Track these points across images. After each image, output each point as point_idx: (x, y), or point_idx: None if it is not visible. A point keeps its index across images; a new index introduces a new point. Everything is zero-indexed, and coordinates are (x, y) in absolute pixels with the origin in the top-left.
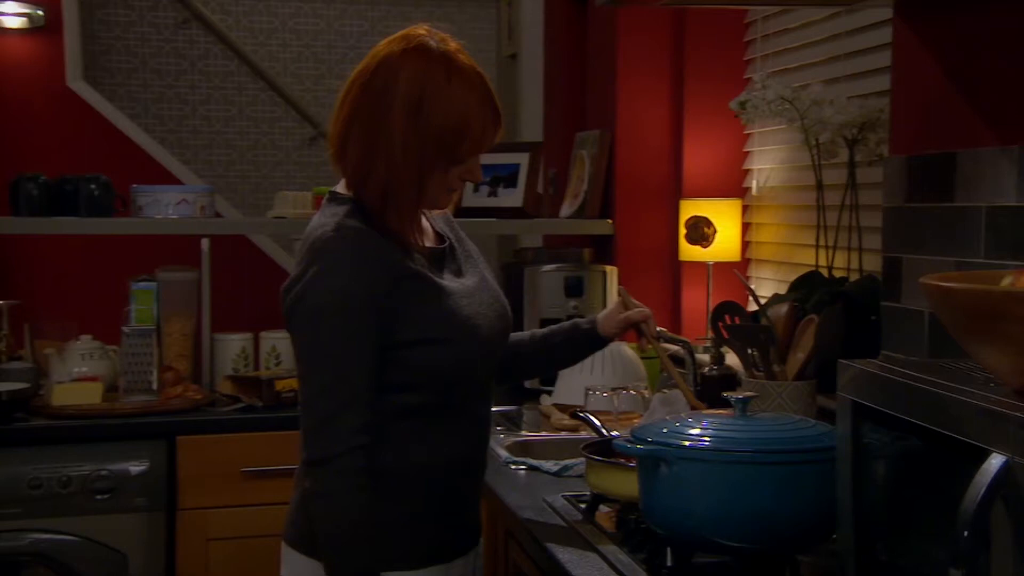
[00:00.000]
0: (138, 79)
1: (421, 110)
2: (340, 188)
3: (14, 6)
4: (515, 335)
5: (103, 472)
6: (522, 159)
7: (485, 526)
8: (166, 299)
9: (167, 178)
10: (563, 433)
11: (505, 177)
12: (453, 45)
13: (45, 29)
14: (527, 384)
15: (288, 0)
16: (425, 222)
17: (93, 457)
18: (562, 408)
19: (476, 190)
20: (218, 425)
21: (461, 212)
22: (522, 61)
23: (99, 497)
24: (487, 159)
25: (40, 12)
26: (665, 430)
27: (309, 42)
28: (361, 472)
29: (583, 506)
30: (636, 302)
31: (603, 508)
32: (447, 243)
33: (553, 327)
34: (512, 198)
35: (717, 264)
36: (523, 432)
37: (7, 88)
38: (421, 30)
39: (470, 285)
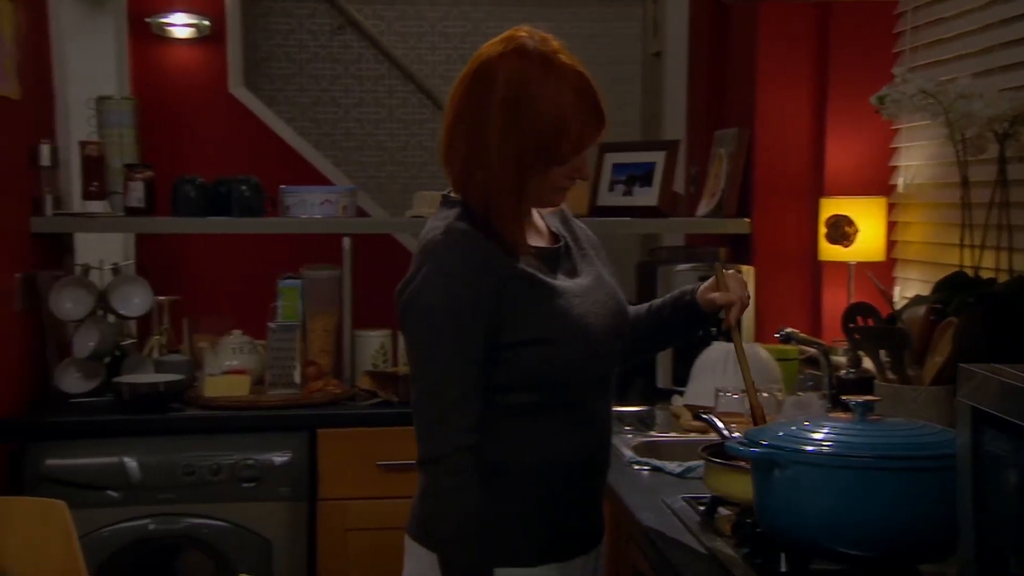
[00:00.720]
0: (296, 84)
1: (518, 111)
2: (456, 191)
3: (183, 17)
4: (633, 309)
5: (249, 461)
6: (658, 158)
7: (608, 526)
8: (310, 296)
9: (319, 179)
10: (692, 435)
11: (640, 176)
12: (554, 45)
13: (210, 38)
14: (660, 384)
15: (437, 4)
16: (540, 222)
17: (240, 447)
18: (693, 409)
19: (611, 189)
20: (357, 419)
21: (595, 211)
22: (666, 58)
23: (246, 485)
24: (622, 158)
25: (206, 22)
26: (780, 433)
27: (457, 44)
28: (470, 471)
29: (702, 508)
30: (731, 283)
31: (722, 511)
32: (561, 243)
33: (663, 299)
34: (647, 197)
35: (859, 264)
36: (651, 433)
37: (174, 94)
38: (522, 31)
39: (583, 284)
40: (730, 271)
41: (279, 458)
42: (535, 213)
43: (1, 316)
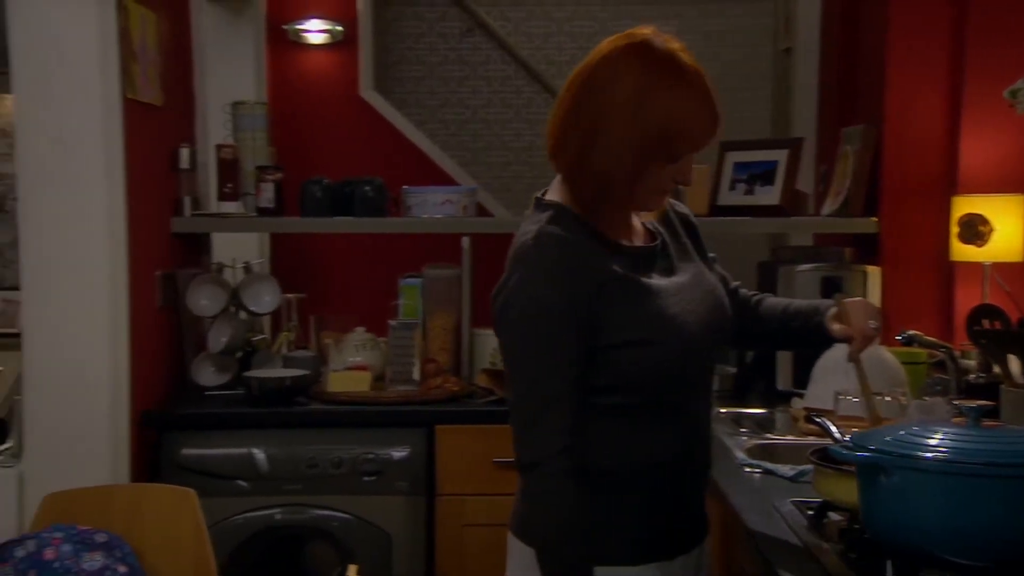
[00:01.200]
0: (426, 87)
1: (641, 106)
2: (550, 193)
3: (318, 23)
4: (772, 301)
5: (370, 455)
6: (780, 156)
7: (715, 527)
8: (430, 295)
9: (445, 180)
10: (810, 438)
11: (762, 175)
12: (676, 45)
13: (343, 43)
14: (780, 386)
15: (564, 4)
16: (636, 220)
17: (361, 441)
18: (812, 412)
19: (732, 188)
20: (473, 416)
21: (716, 210)
22: (797, 54)
23: (366, 479)
24: (744, 157)
25: (340, 28)
26: (888, 437)
27: (584, 44)
28: (566, 474)
29: (811, 513)
30: (855, 315)
31: (832, 516)
32: (658, 241)
33: (800, 306)
34: (769, 196)
35: (995, 264)
36: (768, 435)
37: (308, 98)
38: (646, 30)
39: (681, 282)
40: (857, 300)
41: (398, 453)
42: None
43: (143, 312)
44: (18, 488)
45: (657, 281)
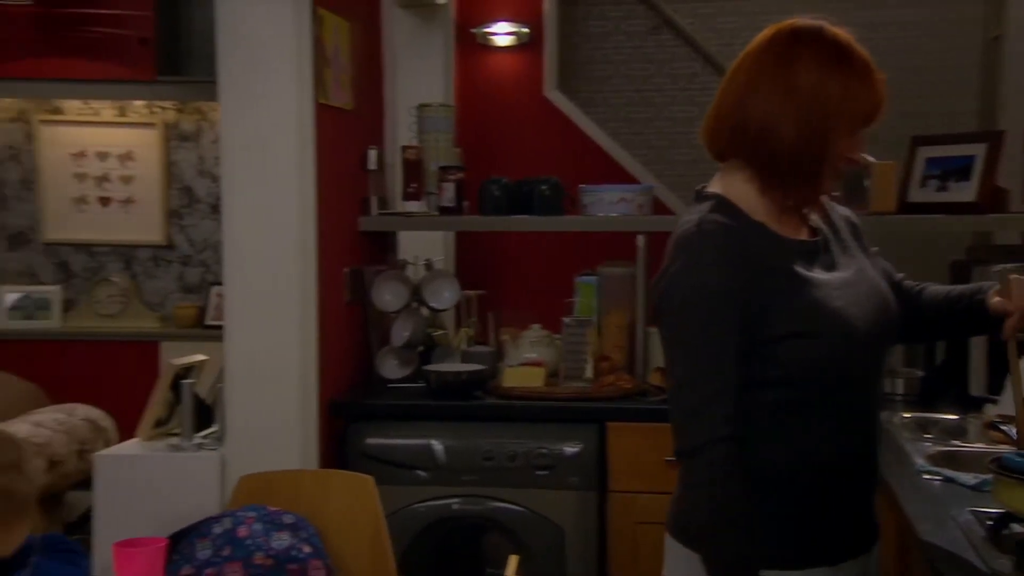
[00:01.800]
0: (611, 85)
1: (822, 85)
2: (711, 186)
3: (505, 26)
4: (935, 288)
5: (543, 450)
6: (978, 150)
7: (890, 535)
8: (606, 293)
9: (626, 178)
10: (1002, 446)
11: (956, 170)
12: (849, 36)
13: (528, 45)
14: (973, 392)
15: None
16: (798, 217)
17: (535, 436)
18: (1005, 420)
19: (923, 185)
20: (646, 414)
21: (905, 207)
22: (1007, 42)
23: (539, 473)
24: (937, 152)
25: (526, 30)
26: None
27: None
28: (727, 463)
29: (990, 524)
30: (1018, 291)
31: (1015, 527)
32: (820, 237)
33: (963, 289)
34: (964, 192)
35: None
36: (953, 442)
37: (494, 99)
38: (816, 20)
39: (844, 277)
40: (1020, 277)
41: (570, 449)
42: None
43: (332, 307)
44: (220, 470)
45: (819, 275)
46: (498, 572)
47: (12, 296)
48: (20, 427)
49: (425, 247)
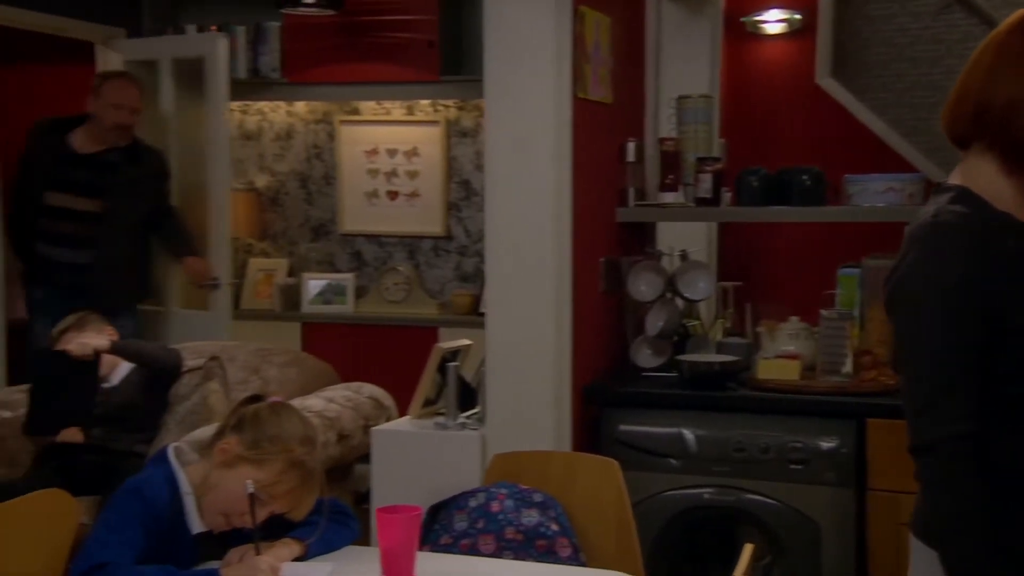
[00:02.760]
0: (893, 70)
1: None
2: (951, 178)
3: (777, 13)
4: None
5: (797, 444)
6: None
7: None
8: (869, 286)
9: (903, 167)
10: None
11: None
12: None
13: (800, 31)
14: None
15: None
16: None
17: (789, 429)
18: None
19: None
20: None
21: None
22: None
23: (793, 466)
24: None
25: (798, 16)
26: None
27: None
28: (965, 461)
29: None
30: None
31: None
32: None
33: None
34: None
35: None
36: None
37: (763, 88)
38: None
39: None
40: None
41: (826, 444)
42: None
43: (586, 295)
44: (481, 448)
45: None
46: (751, 565)
47: (317, 284)
48: (315, 402)
49: (687, 238)
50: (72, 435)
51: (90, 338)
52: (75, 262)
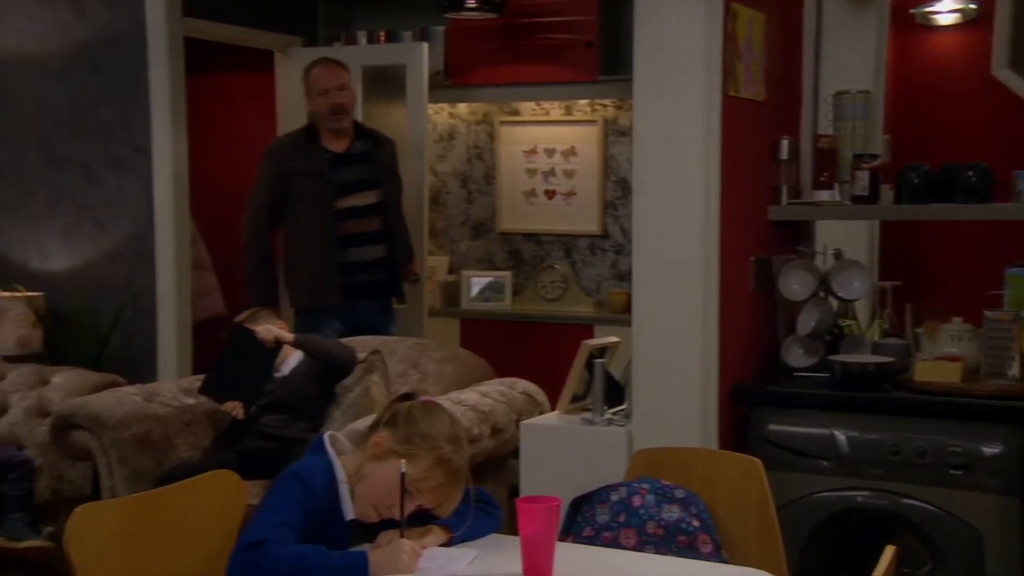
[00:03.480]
0: None
1: None
2: None
3: (949, 3)
4: None
5: (957, 448)
6: None
7: None
8: None
9: None
10: None
11: None
12: None
13: (976, 21)
14: None
15: None
16: None
17: (948, 433)
18: None
19: None
20: None
21: None
22: None
23: (952, 472)
24: None
25: (973, 5)
26: None
27: None
28: None
29: None
30: None
31: None
32: None
33: None
34: None
35: None
36: None
37: (933, 82)
38: None
39: None
40: None
41: (989, 449)
42: None
43: (736, 294)
44: (627, 444)
45: None
46: (911, 572)
47: (478, 281)
48: (469, 396)
49: (847, 237)
50: (234, 407)
51: (275, 328)
52: (371, 259)
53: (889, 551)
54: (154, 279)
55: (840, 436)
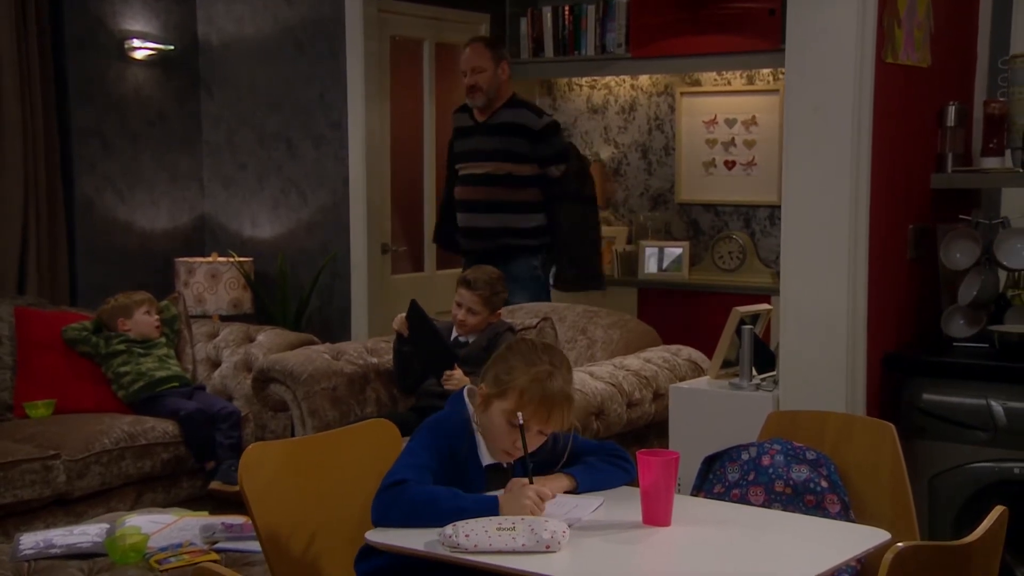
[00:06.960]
0: None
1: None
2: None
3: None
4: None
5: None
6: None
7: None
8: None
9: None
10: None
11: None
12: None
13: None
14: None
15: None
16: None
17: None
18: None
19: None
20: None
21: None
22: None
23: None
24: None
25: None
26: None
27: None
28: None
29: None
30: None
31: None
32: None
33: None
34: None
35: None
36: None
37: None
38: None
39: None
40: None
41: None
42: None
43: (890, 262)
44: (774, 408)
45: None
46: None
47: (654, 251)
48: (632, 362)
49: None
50: (400, 323)
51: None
52: (476, 226)
53: (997, 511)
54: (348, 246)
55: (997, 407)
